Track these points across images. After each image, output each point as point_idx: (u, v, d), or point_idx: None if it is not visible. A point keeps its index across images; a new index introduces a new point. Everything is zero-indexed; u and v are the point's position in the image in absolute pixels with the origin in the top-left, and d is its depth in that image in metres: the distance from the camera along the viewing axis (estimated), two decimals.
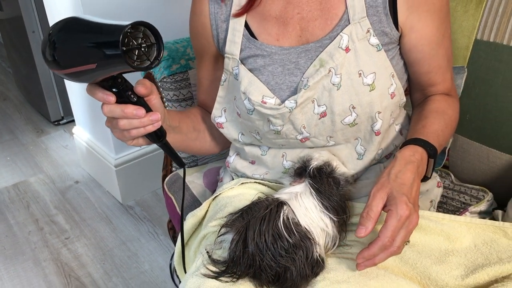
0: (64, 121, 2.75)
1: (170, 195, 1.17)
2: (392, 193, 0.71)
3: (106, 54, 0.62)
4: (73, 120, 2.42)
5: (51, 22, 2.04)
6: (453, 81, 0.96)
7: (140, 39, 0.65)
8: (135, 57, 0.64)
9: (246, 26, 0.89)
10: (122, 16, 1.75)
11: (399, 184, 0.72)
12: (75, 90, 2.12)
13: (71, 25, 0.65)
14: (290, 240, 0.73)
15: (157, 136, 0.79)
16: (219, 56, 0.96)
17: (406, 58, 0.89)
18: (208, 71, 1.00)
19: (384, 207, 0.71)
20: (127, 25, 0.60)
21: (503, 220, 0.94)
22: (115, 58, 0.61)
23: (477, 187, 1.05)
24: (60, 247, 1.87)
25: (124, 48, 0.61)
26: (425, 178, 0.81)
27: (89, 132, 2.17)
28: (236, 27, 0.89)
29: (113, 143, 1.96)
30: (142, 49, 0.65)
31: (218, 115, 0.97)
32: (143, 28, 0.64)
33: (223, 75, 0.93)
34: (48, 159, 2.46)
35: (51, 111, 2.69)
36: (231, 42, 0.90)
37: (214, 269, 0.76)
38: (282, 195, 0.79)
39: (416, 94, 0.97)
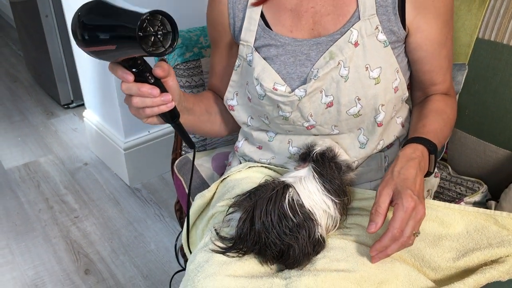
0: (74, 104, 2.78)
1: (180, 177, 1.22)
2: (397, 188, 0.76)
3: (125, 37, 0.66)
4: (83, 104, 2.45)
5: (65, 6, 2.07)
6: (452, 81, 1.00)
7: (157, 27, 0.69)
8: (151, 43, 0.69)
9: (262, 16, 0.93)
10: (139, 2, 1.78)
11: (403, 179, 0.77)
12: (86, 74, 2.15)
13: (99, 7, 0.70)
14: (294, 220, 0.77)
15: (171, 117, 0.83)
16: (234, 44, 1.00)
17: (410, 56, 0.94)
18: (222, 57, 1.04)
19: (391, 203, 0.76)
20: (145, 13, 0.65)
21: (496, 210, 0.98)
22: (132, 42, 0.66)
23: (473, 179, 1.09)
24: (69, 225, 1.92)
25: (141, 34, 0.65)
26: (428, 174, 0.85)
27: (99, 115, 2.21)
28: (253, 15, 0.93)
29: (122, 126, 1.99)
30: (158, 36, 0.69)
31: (230, 97, 1.01)
32: (160, 17, 0.69)
33: (237, 60, 0.97)
34: (58, 140, 2.50)
35: (62, 95, 2.72)
36: (247, 30, 0.93)
37: (221, 245, 0.81)
38: (288, 178, 0.83)
39: (417, 92, 1.01)
